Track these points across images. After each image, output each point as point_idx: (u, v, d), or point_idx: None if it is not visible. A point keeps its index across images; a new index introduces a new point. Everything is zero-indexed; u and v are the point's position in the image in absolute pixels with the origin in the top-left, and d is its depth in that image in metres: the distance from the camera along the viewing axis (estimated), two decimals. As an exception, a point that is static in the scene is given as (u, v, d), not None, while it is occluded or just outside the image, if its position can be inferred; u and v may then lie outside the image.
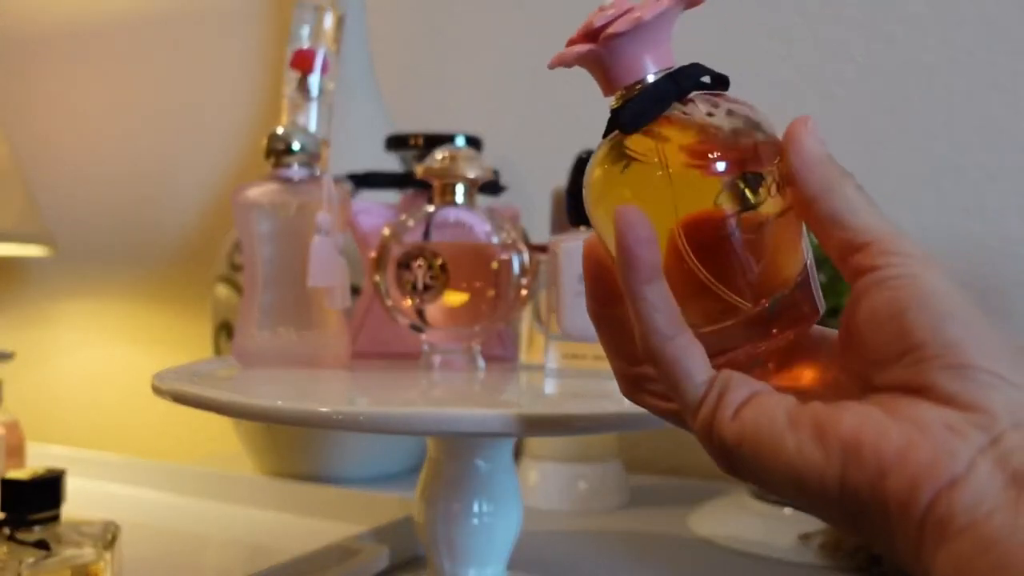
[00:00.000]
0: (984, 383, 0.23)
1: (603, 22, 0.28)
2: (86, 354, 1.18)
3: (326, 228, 0.52)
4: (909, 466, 0.22)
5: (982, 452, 0.22)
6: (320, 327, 0.54)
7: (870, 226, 0.26)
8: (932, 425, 0.22)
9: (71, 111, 1.20)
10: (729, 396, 0.26)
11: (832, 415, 0.24)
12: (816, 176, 0.27)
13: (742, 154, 0.27)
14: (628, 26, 0.27)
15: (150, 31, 1.15)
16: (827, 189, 0.26)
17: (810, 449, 0.24)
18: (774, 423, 0.24)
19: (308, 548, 0.52)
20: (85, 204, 1.18)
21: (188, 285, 1.10)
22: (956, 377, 0.23)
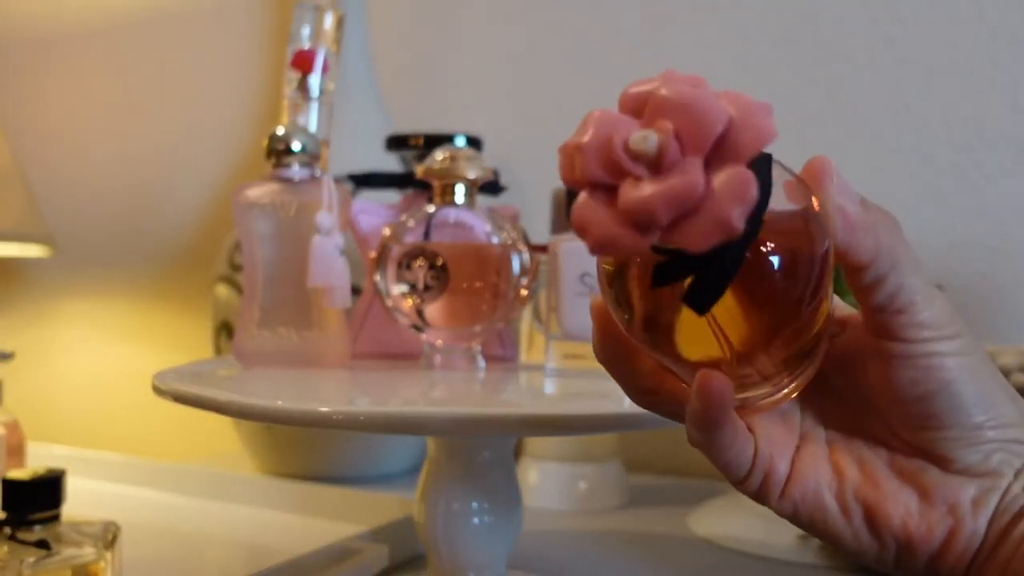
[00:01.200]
0: (996, 449, 0.26)
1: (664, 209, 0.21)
2: (86, 354, 1.18)
3: (326, 228, 0.52)
4: (955, 551, 0.26)
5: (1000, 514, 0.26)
6: (320, 327, 0.54)
7: (907, 287, 0.25)
8: (963, 505, 0.26)
9: (71, 111, 1.20)
10: (773, 478, 0.27)
11: (880, 506, 0.27)
12: (865, 246, 0.25)
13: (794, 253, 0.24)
14: (720, 237, 0.22)
15: (151, 31, 1.15)
16: (879, 261, 0.25)
17: (867, 540, 0.27)
18: (824, 508, 0.27)
19: (308, 548, 0.52)
20: (85, 204, 1.18)
21: (189, 285, 1.10)
22: (975, 452, 0.26)
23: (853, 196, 0.25)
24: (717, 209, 0.21)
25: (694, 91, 0.22)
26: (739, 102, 0.22)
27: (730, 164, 0.22)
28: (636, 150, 0.22)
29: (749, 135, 0.22)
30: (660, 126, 0.22)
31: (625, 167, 0.22)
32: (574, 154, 0.23)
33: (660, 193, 0.21)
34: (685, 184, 0.21)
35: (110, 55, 1.18)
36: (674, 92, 0.22)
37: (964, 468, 0.26)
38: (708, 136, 0.22)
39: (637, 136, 0.22)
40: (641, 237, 0.22)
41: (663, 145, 0.22)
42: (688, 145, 0.22)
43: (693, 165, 0.22)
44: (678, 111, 0.22)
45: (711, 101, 0.22)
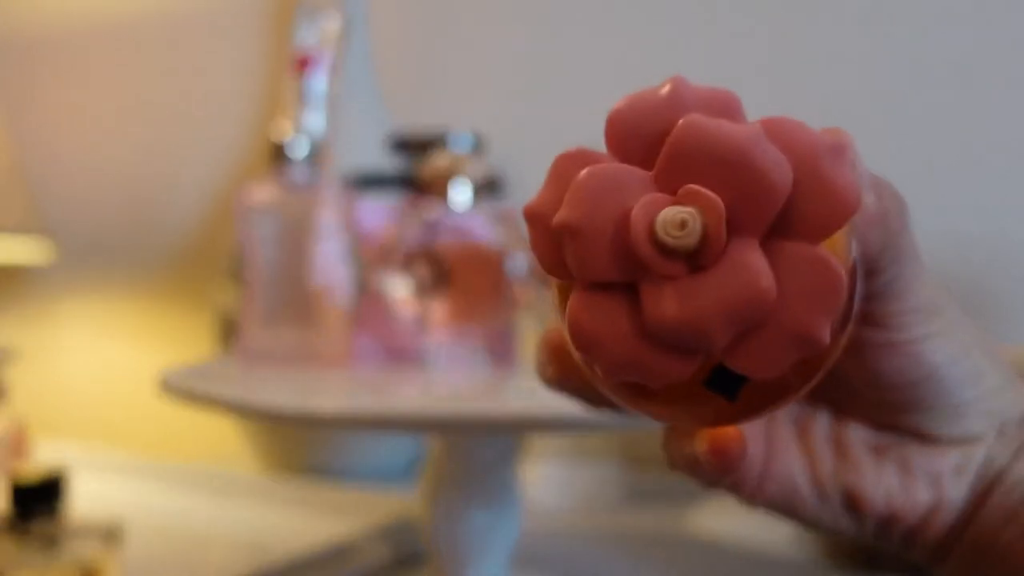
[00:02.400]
0: (978, 416, 0.25)
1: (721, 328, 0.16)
2: (91, 351, 1.19)
3: (328, 229, 0.52)
4: (938, 520, 0.25)
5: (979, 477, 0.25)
6: (322, 327, 0.54)
7: (903, 275, 0.22)
8: (946, 474, 0.25)
9: (73, 112, 1.20)
10: (747, 474, 0.25)
11: (859, 488, 0.25)
12: (873, 240, 0.21)
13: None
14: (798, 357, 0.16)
15: (153, 32, 1.15)
16: (884, 254, 0.21)
17: (846, 522, 0.25)
18: (800, 495, 0.25)
19: (310, 545, 0.52)
20: (88, 204, 1.18)
21: (193, 283, 1.10)
22: (958, 425, 0.24)
23: (869, 182, 0.21)
24: (794, 320, 0.15)
25: (736, 135, 0.15)
26: (797, 145, 0.16)
27: (798, 243, 0.16)
28: (671, 241, 0.15)
29: (822, 202, 0.16)
30: (703, 202, 0.15)
31: (652, 264, 0.16)
32: (564, 239, 0.16)
33: (714, 306, 0.15)
34: (749, 290, 0.15)
35: (111, 56, 1.18)
36: (707, 135, 0.16)
37: (946, 439, 0.25)
38: (767, 209, 0.15)
39: (670, 219, 0.15)
40: (682, 362, 0.16)
41: (710, 232, 0.15)
42: (738, 222, 0.15)
43: (751, 255, 0.15)
44: (719, 168, 0.15)
45: (763, 150, 0.15)
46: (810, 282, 0.16)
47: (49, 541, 0.44)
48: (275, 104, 1.07)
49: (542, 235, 0.17)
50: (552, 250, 0.17)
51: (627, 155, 0.17)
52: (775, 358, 0.16)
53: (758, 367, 0.16)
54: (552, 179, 0.18)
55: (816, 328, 0.16)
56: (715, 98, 0.17)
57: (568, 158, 0.18)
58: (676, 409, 0.19)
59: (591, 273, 0.16)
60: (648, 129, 0.17)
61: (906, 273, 0.22)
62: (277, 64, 1.06)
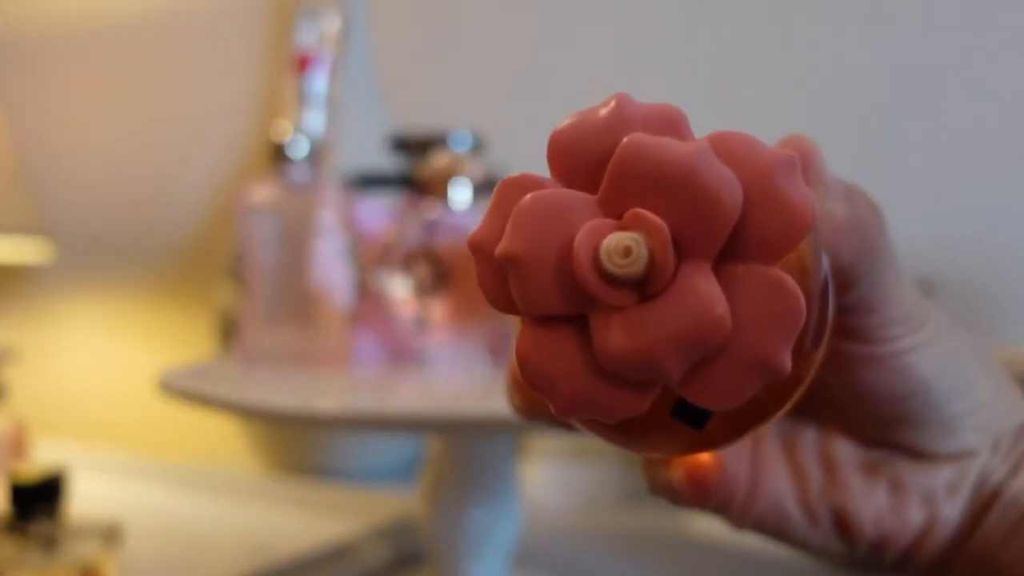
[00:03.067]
0: (971, 431, 0.23)
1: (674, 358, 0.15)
2: (91, 352, 1.19)
3: (328, 229, 0.52)
4: (932, 540, 0.24)
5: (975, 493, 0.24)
6: (322, 327, 0.54)
7: (880, 285, 0.21)
8: (939, 492, 0.24)
9: (73, 112, 1.20)
10: (735, 497, 0.24)
11: (849, 509, 0.24)
12: (847, 250, 0.20)
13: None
14: (759, 385, 0.15)
15: (153, 32, 1.15)
16: (859, 264, 0.20)
17: (836, 544, 0.24)
18: (788, 517, 0.24)
19: (311, 545, 0.52)
20: (88, 204, 1.18)
21: (193, 284, 1.10)
22: (951, 441, 0.23)
23: (839, 190, 0.20)
24: (752, 348, 0.15)
25: (680, 153, 0.14)
26: (747, 160, 0.15)
27: (752, 265, 0.15)
28: (616, 270, 0.14)
29: (775, 220, 0.15)
30: (648, 227, 0.14)
31: (599, 295, 0.15)
32: (508, 271, 0.15)
33: (665, 336, 0.14)
34: (702, 318, 0.14)
35: (112, 56, 1.18)
36: (650, 155, 0.15)
37: (938, 455, 0.23)
38: (718, 230, 0.14)
39: (614, 246, 0.14)
40: (636, 397, 0.15)
41: (657, 258, 0.14)
42: (687, 246, 0.15)
43: (702, 280, 0.14)
44: (665, 189, 0.14)
45: (710, 167, 0.14)
46: (767, 306, 0.15)
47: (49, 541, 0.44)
48: (275, 104, 1.07)
49: (486, 267, 0.16)
50: (497, 283, 0.16)
51: (571, 179, 0.16)
52: (734, 388, 0.15)
53: (717, 399, 0.15)
54: (495, 207, 0.16)
55: (776, 355, 0.15)
56: (660, 115, 0.16)
57: (510, 185, 0.17)
58: (646, 439, 0.18)
59: (537, 306, 0.15)
60: (591, 150, 0.16)
61: (885, 283, 0.21)
62: (277, 64, 1.06)
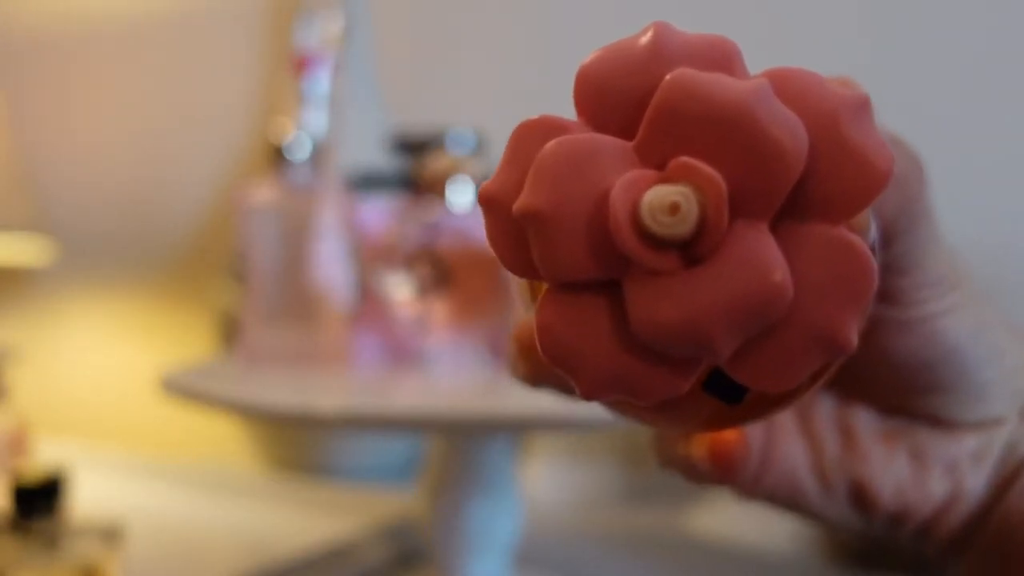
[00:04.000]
0: (999, 397, 0.22)
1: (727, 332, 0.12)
2: (93, 351, 1.19)
3: (329, 229, 0.52)
4: (954, 512, 0.22)
5: (1001, 463, 0.22)
6: (323, 327, 0.54)
7: (918, 245, 0.20)
8: (963, 462, 0.22)
9: (74, 112, 1.20)
10: (746, 468, 0.23)
11: (868, 481, 0.22)
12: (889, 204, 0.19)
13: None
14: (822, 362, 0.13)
15: (154, 32, 1.15)
16: (899, 219, 0.19)
17: (853, 516, 0.23)
18: (802, 489, 0.23)
19: (311, 544, 0.52)
20: (89, 204, 1.18)
21: (194, 284, 1.10)
22: (978, 409, 0.22)
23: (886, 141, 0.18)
24: (816, 321, 0.13)
25: (736, 92, 0.12)
26: (813, 102, 0.13)
27: (817, 225, 0.13)
28: (661, 230, 0.12)
29: (847, 172, 0.13)
30: (699, 179, 0.12)
31: (638, 258, 0.13)
32: (529, 231, 0.13)
33: (716, 306, 0.12)
34: (759, 285, 0.12)
35: (114, 56, 1.18)
36: (700, 94, 0.12)
37: (963, 424, 0.22)
38: (779, 184, 0.12)
39: (659, 202, 0.12)
40: (678, 376, 0.13)
41: (709, 216, 0.12)
42: (743, 202, 0.12)
43: (760, 242, 0.12)
44: (717, 135, 0.12)
45: (771, 110, 0.12)
46: (834, 273, 0.12)
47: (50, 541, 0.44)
48: (275, 104, 1.07)
49: (501, 225, 0.14)
50: (515, 243, 0.14)
51: (602, 122, 0.14)
52: (792, 367, 0.13)
53: (772, 378, 0.13)
54: (510, 155, 0.14)
55: (842, 329, 0.13)
56: (709, 47, 0.13)
57: (529, 128, 0.14)
58: (668, 414, 0.17)
59: (563, 271, 0.13)
60: (627, 89, 0.13)
61: (922, 242, 0.19)
62: (277, 64, 1.06)
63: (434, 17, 1.01)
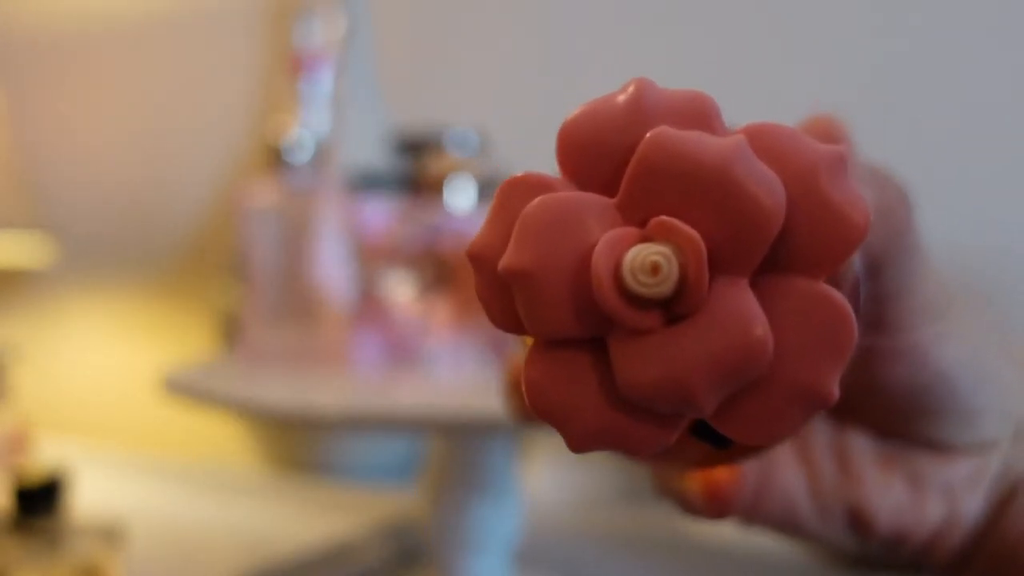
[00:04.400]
0: (992, 420, 0.22)
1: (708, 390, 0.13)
2: (94, 351, 1.19)
3: (330, 229, 0.52)
4: (952, 535, 0.23)
5: (997, 485, 0.23)
6: (324, 327, 0.55)
7: (904, 271, 0.20)
8: (958, 485, 0.22)
9: (74, 112, 1.20)
10: (741, 493, 0.23)
11: (864, 505, 0.23)
12: (875, 236, 0.19)
13: None
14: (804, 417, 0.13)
15: (154, 32, 1.16)
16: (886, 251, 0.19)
17: (850, 540, 0.23)
18: (798, 514, 0.23)
19: (311, 543, 0.52)
20: (90, 204, 1.18)
21: (194, 283, 1.11)
22: (971, 432, 0.22)
23: (866, 175, 0.19)
24: (797, 375, 0.13)
25: (715, 150, 0.12)
26: (791, 158, 0.13)
27: (796, 279, 0.13)
28: (642, 290, 0.12)
29: (825, 227, 0.13)
30: (680, 239, 0.12)
31: (621, 317, 0.13)
32: (514, 288, 0.13)
33: (698, 363, 0.12)
34: (740, 341, 0.12)
35: (114, 56, 1.18)
36: (679, 152, 0.13)
37: (958, 447, 0.22)
38: (758, 240, 0.12)
39: (640, 263, 0.12)
40: (664, 430, 0.13)
41: (690, 275, 0.12)
42: (723, 259, 0.13)
43: (740, 299, 0.12)
44: (697, 193, 0.12)
45: (749, 168, 0.12)
46: (814, 327, 0.13)
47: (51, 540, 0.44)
48: (275, 104, 1.07)
49: (488, 281, 0.14)
50: (501, 300, 0.14)
51: (585, 179, 0.14)
52: (776, 421, 0.13)
53: (756, 433, 0.13)
54: (497, 212, 0.14)
55: (824, 383, 0.13)
56: (688, 103, 0.14)
57: (514, 186, 0.14)
58: (660, 457, 0.16)
59: (548, 328, 0.13)
60: (608, 146, 0.14)
61: (910, 271, 0.19)
62: (277, 64, 1.06)
63: (434, 17, 1.01)
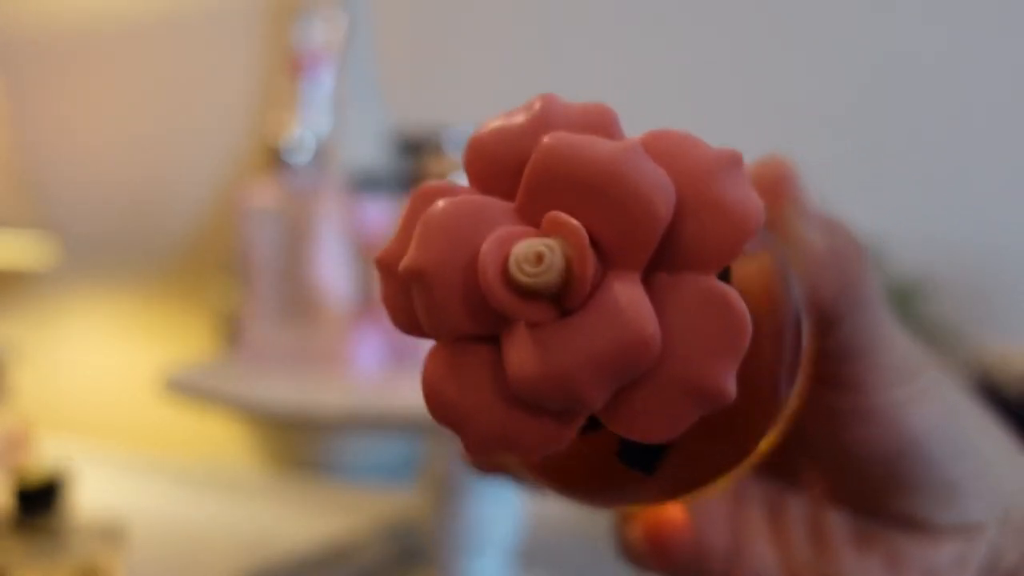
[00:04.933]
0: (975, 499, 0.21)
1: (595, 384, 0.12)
2: (94, 351, 1.19)
3: (330, 229, 0.52)
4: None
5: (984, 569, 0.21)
6: (324, 327, 0.55)
7: (866, 327, 0.19)
8: (941, 570, 0.21)
9: (75, 112, 1.20)
10: (708, 567, 0.22)
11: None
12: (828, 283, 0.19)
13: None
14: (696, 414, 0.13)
15: (154, 32, 1.16)
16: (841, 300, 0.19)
17: None
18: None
19: (312, 542, 0.52)
20: (91, 205, 1.18)
21: (195, 283, 1.11)
22: (951, 512, 0.20)
23: (818, 220, 0.19)
24: (687, 369, 0.12)
25: (605, 151, 0.13)
26: (682, 159, 0.13)
27: (689, 275, 0.13)
28: (527, 280, 0.12)
29: (714, 223, 0.13)
30: (564, 231, 0.13)
31: (509, 310, 0.13)
32: (412, 289, 0.13)
33: (582, 356, 0.12)
34: (625, 333, 0.12)
35: (115, 56, 1.19)
36: (571, 154, 0.13)
37: (940, 527, 0.20)
38: (647, 235, 0.13)
39: (524, 253, 0.13)
40: (556, 429, 0.13)
41: (574, 265, 0.13)
42: (614, 254, 0.13)
43: (628, 292, 0.12)
44: (587, 192, 0.13)
45: (638, 166, 0.13)
46: (704, 322, 0.12)
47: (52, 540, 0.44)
48: (276, 104, 1.07)
49: (392, 286, 0.14)
50: (402, 302, 0.14)
51: (489, 186, 0.14)
52: (667, 417, 0.13)
53: (647, 429, 0.13)
54: (406, 220, 0.14)
55: (715, 377, 0.12)
56: (588, 114, 0.14)
57: (424, 194, 0.14)
58: (597, 489, 0.17)
59: (444, 327, 0.13)
60: (510, 154, 0.14)
61: (871, 326, 0.19)
62: (277, 64, 1.06)
63: (434, 17, 1.01)
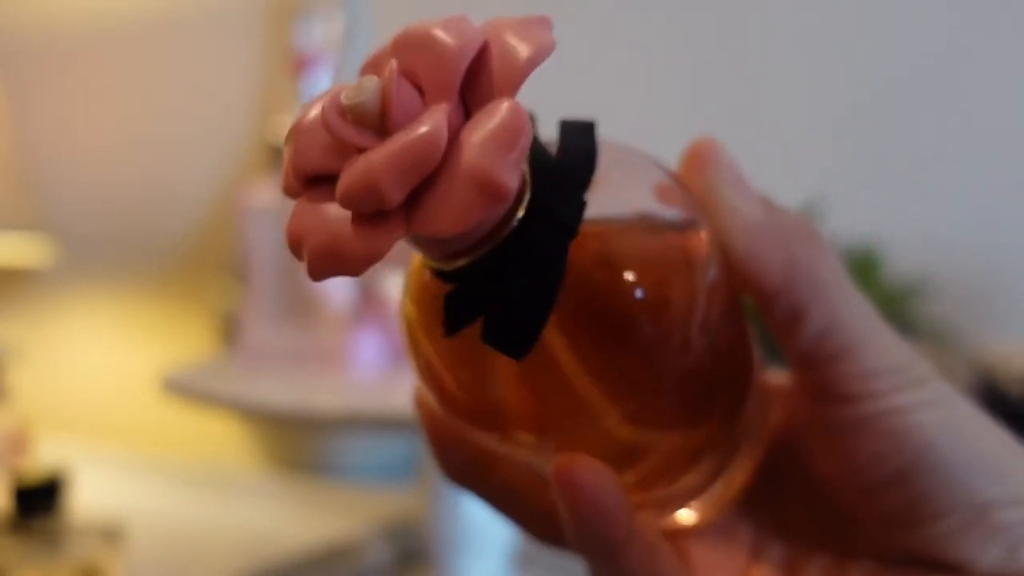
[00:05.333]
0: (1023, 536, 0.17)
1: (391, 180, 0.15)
2: (93, 351, 1.19)
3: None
4: None
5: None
6: (323, 327, 0.55)
7: (841, 322, 0.18)
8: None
9: (75, 112, 1.20)
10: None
11: None
12: (771, 262, 0.18)
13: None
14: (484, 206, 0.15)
15: (155, 32, 1.16)
16: (794, 284, 0.18)
17: None
18: None
19: (312, 543, 0.52)
20: (90, 205, 1.18)
21: (194, 283, 1.11)
22: (994, 545, 0.17)
23: (751, 193, 0.18)
24: (469, 164, 0.14)
25: (433, 21, 0.16)
26: (499, 22, 0.16)
27: (485, 102, 0.15)
28: (353, 106, 0.15)
29: (516, 56, 0.15)
30: (384, 68, 0.15)
31: (345, 137, 0.15)
32: (288, 144, 0.16)
33: (383, 161, 0.14)
34: (415, 139, 0.15)
35: (114, 56, 1.18)
36: (416, 26, 0.16)
37: (980, 567, 0.17)
38: (452, 69, 0.15)
39: (351, 86, 0.15)
40: (374, 232, 0.15)
41: (388, 91, 0.15)
42: (429, 90, 0.15)
43: (429, 112, 0.15)
44: (411, 47, 0.16)
45: (454, 25, 0.16)
46: (488, 125, 0.15)
47: (51, 540, 0.44)
48: (275, 104, 1.07)
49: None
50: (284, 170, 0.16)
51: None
52: (456, 209, 0.14)
53: (439, 222, 0.15)
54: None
55: (493, 169, 0.14)
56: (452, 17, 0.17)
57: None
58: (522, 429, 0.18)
59: (301, 166, 0.15)
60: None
61: (847, 322, 0.17)
62: (277, 64, 1.06)
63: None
